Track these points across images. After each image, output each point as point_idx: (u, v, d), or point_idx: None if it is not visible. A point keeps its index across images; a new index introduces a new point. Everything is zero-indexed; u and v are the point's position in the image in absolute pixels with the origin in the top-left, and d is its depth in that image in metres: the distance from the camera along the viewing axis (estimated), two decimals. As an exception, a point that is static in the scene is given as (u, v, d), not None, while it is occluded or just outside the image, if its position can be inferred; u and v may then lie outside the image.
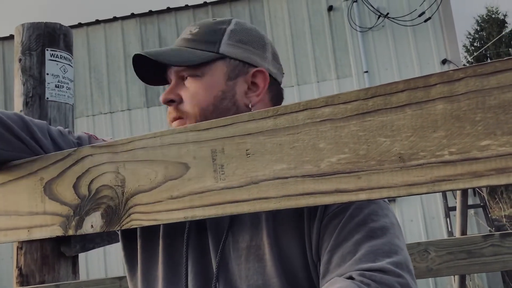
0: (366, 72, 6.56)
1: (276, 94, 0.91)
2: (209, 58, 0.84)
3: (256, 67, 0.88)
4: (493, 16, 23.55)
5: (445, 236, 5.77)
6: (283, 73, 0.96)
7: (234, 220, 0.80)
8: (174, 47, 0.89)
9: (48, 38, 1.30)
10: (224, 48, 0.86)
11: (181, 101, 0.85)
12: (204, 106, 0.83)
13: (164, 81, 0.93)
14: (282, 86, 0.94)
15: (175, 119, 0.86)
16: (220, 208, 0.61)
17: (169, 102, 0.86)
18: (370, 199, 0.53)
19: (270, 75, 0.89)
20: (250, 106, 0.86)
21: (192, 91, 0.85)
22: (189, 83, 0.85)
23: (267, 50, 0.91)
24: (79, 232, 0.71)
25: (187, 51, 0.86)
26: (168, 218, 0.65)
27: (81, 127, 6.78)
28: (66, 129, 0.95)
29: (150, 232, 0.89)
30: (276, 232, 0.76)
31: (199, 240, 0.83)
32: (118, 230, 0.76)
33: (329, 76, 6.67)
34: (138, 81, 6.95)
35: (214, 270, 0.78)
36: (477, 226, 6.04)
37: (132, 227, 0.68)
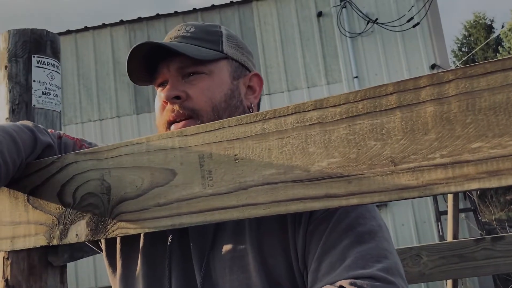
0: (356, 77, 6.59)
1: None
2: (216, 56, 0.84)
3: (249, 71, 0.90)
4: (480, 21, 23.82)
5: (436, 240, 5.79)
6: None
7: (217, 230, 0.77)
8: (178, 42, 0.84)
9: (34, 44, 1.28)
10: (226, 48, 0.86)
11: (186, 98, 0.81)
12: (217, 103, 0.81)
13: (150, 81, 0.88)
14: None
15: (178, 118, 0.80)
16: (208, 215, 0.60)
17: (173, 98, 0.80)
18: (361, 204, 0.52)
19: None
20: (251, 108, 0.87)
21: (202, 87, 0.81)
22: (196, 80, 0.82)
23: (253, 57, 0.94)
24: (64, 241, 0.69)
25: (195, 48, 0.83)
26: (155, 226, 0.63)
27: (71, 135, 6.67)
28: (56, 132, 0.91)
29: (131, 238, 0.85)
30: (260, 241, 0.73)
31: (181, 252, 0.79)
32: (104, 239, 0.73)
33: (319, 82, 6.68)
34: (128, 88, 6.92)
35: (199, 284, 0.75)
36: (468, 230, 6.06)
37: (119, 235, 0.66)
